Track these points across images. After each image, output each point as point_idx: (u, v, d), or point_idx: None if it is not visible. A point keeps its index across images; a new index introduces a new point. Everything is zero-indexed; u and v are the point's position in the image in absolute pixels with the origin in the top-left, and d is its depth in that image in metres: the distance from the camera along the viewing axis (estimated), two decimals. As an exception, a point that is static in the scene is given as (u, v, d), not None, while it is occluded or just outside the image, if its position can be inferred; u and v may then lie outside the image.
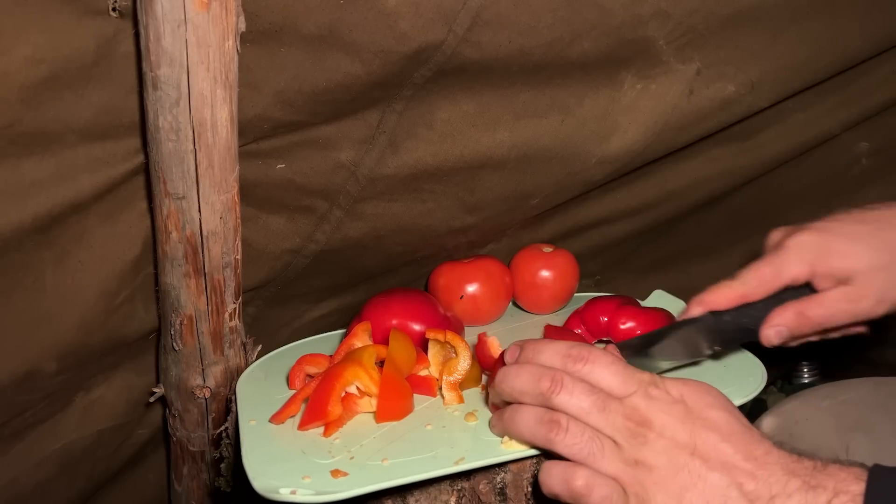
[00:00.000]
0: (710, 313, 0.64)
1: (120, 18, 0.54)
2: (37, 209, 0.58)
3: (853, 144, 0.89)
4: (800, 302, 0.62)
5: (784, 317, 0.62)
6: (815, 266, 0.62)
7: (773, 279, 0.63)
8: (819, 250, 0.62)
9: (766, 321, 0.62)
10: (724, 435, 0.49)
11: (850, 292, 0.61)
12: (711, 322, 0.64)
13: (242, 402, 0.67)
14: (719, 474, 0.48)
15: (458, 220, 0.79)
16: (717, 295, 0.64)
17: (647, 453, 0.49)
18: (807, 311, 0.62)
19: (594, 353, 0.53)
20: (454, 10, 0.59)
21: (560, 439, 0.51)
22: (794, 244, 0.63)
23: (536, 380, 0.53)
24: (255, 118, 0.63)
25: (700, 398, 0.51)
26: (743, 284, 0.63)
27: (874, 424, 0.76)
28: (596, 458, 0.50)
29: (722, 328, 0.64)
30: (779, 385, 1.26)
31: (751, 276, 0.63)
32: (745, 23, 0.69)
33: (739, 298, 0.64)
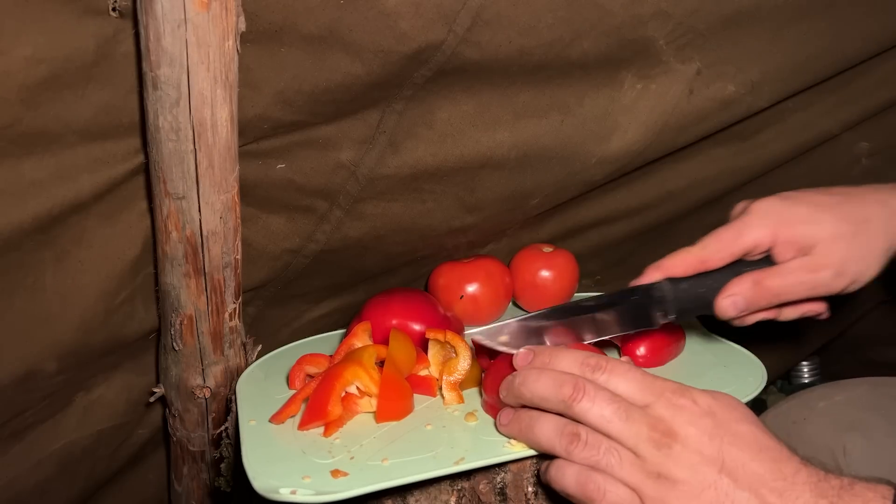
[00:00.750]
0: (666, 280, 0.62)
1: (120, 18, 0.54)
2: (37, 209, 0.58)
3: (853, 144, 0.89)
4: (758, 272, 0.60)
5: (741, 286, 0.60)
6: (777, 231, 0.60)
7: (734, 242, 0.61)
8: (782, 216, 0.61)
9: (721, 291, 0.61)
10: (754, 452, 0.48)
11: (809, 262, 0.60)
12: (668, 289, 0.62)
13: (242, 402, 0.67)
14: (748, 494, 0.46)
15: (458, 220, 0.79)
16: (675, 260, 0.62)
17: (670, 466, 0.48)
18: (765, 280, 0.60)
19: (611, 363, 0.53)
20: (454, 10, 0.59)
21: (578, 451, 0.50)
22: (758, 208, 0.62)
23: (558, 386, 0.52)
24: (255, 118, 0.63)
25: (729, 411, 0.50)
26: (702, 249, 0.62)
27: (870, 424, 0.76)
28: (613, 469, 0.49)
29: (678, 296, 0.62)
30: (779, 385, 1.26)
31: (711, 240, 0.62)
32: (745, 23, 0.69)
33: (698, 263, 0.62)
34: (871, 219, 0.60)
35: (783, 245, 0.60)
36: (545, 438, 0.53)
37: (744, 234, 0.61)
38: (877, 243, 0.60)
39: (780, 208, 0.61)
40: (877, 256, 0.60)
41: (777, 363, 1.17)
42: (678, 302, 0.62)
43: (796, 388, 1.21)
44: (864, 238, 0.60)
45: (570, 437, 0.51)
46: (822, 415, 0.80)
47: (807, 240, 0.60)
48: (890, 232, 0.60)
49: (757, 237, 0.61)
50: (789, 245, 0.60)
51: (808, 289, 0.60)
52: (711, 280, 0.62)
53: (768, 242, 0.61)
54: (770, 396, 1.21)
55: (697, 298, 0.62)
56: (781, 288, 0.60)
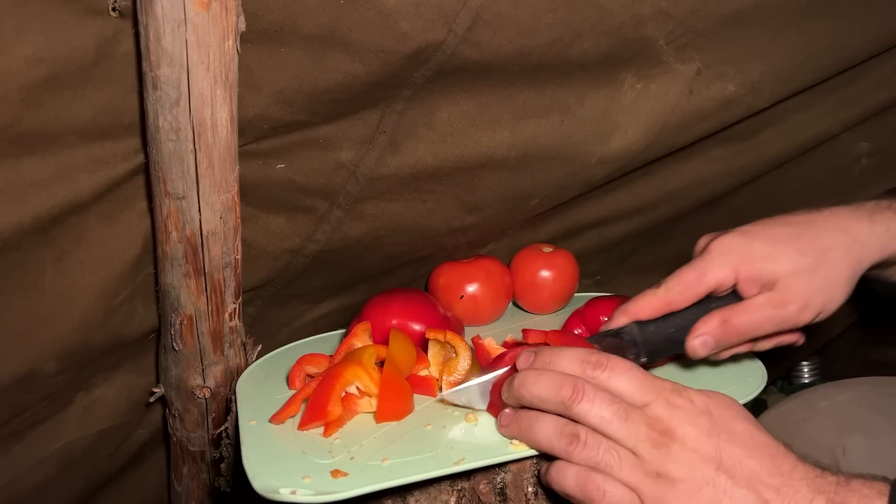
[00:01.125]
0: (634, 323, 0.63)
1: (120, 18, 0.54)
2: (37, 209, 0.58)
3: (853, 144, 0.89)
4: (724, 310, 0.61)
5: (709, 325, 0.61)
6: (739, 269, 0.61)
7: (697, 284, 0.61)
8: (742, 253, 0.61)
9: (691, 331, 0.61)
10: (751, 449, 0.48)
11: (773, 297, 0.60)
12: (636, 332, 0.63)
13: (242, 402, 0.67)
14: (745, 491, 0.47)
15: (458, 220, 0.79)
16: (641, 303, 0.63)
17: (669, 465, 0.48)
18: (731, 318, 0.60)
19: (612, 360, 0.53)
20: (454, 10, 0.59)
21: (577, 452, 0.51)
22: (717, 247, 0.62)
23: (557, 387, 0.52)
24: (255, 118, 0.63)
25: (724, 410, 0.50)
26: (667, 291, 0.62)
27: (872, 424, 0.76)
28: (613, 470, 0.49)
29: (647, 339, 0.63)
30: (779, 385, 1.26)
31: (674, 283, 0.62)
32: (745, 23, 0.69)
33: (664, 306, 0.62)
34: (832, 248, 0.60)
35: (746, 282, 0.61)
36: (545, 439, 0.53)
37: (706, 275, 0.61)
38: (839, 272, 0.60)
39: (740, 245, 0.61)
40: (840, 286, 0.60)
41: (777, 363, 1.17)
42: (648, 344, 0.63)
43: (796, 388, 1.21)
44: (826, 269, 0.60)
45: (569, 437, 0.51)
46: (823, 414, 0.80)
47: (768, 276, 0.60)
48: (851, 259, 0.60)
49: (719, 277, 0.61)
50: (752, 282, 0.61)
51: (776, 324, 0.61)
52: (680, 319, 0.62)
53: (731, 281, 0.61)
54: (770, 396, 1.21)
55: (667, 340, 0.63)
56: (748, 325, 0.60)
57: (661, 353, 0.65)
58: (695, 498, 0.47)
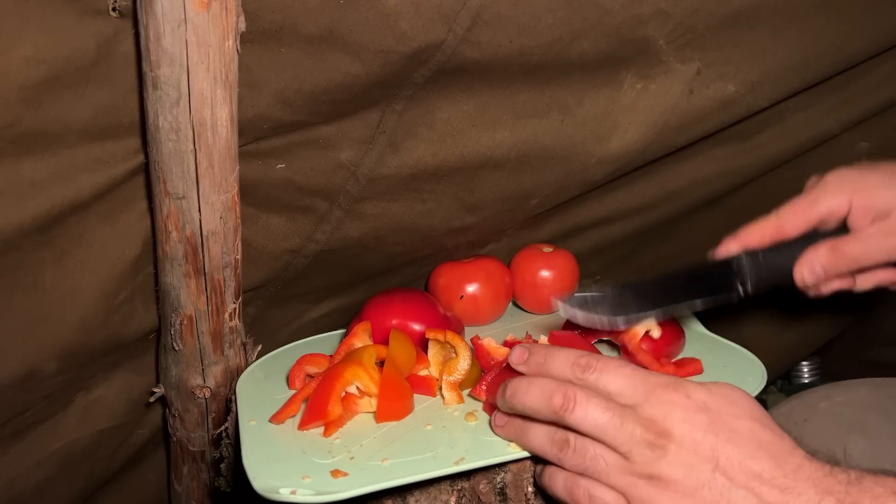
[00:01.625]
0: (744, 252, 0.63)
1: (120, 18, 0.54)
2: (37, 209, 0.58)
3: (853, 144, 0.89)
4: (836, 238, 0.61)
5: (819, 252, 0.60)
6: (853, 198, 0.60)
7: (810, 210, 0.61)
8: (857, 182, 0.61)
9: (799, 258, 0.61)
10: (752, 449, 0.47)
11: (886, 226, 0.59)
12: (745, 261, 0.63)
13: (242, 402, 0.67)
14: (745, 492, 0.45)
15: (458, 220, 0.79)
16: (752, 230, 0.63)
17: (664, 467, 0.47)
18: (842, 245, 0.60)
19: (602, 361, 0.52)
20: (454, 10, 0.59)
21: (568, 458, 0.51)
22: (834, 177, 0.62)
23: (548, 397, 0.51)
24: (255, 118, 0.63)
25: (726, 406, 0.49)
26: (778, 217, 0.62)
27: (872, 425, 0.76)
28: (600, 475, 0.49)
29: (755, 267, 0.62)
30: (779, 385, 1.26)
31: (786, 210, 0.62)
32: (745, 23, 0.69)
33: (774, 232, 0.62)
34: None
35: (859, 211, 0.60)
36: (538, 446, 0.53)
37: (819, 202, 0.61)
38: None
39: (855, 176, 0.61)
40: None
41: (777, 363, 1.17)
42: (755, 273, 0.63)
43: (796, 388, 1.21)
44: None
45: (560, 444, 0.51)
46: (823, 415, 0.80)
47: (883, 204, 0.60)
48: None
49: (832, 204, 0.61)
50: (866, 211, 0.60)
51: (887, 252, 0.60)
52: (788, 249, 0.62)
53: (844, 209, 0.61)
54: (770, 396, 1.21)
55: (775, 269, 0.62)
56: (859, 253, 0.60)
57: (768, 284, 0.64)
58: (690, 499, 0.46)
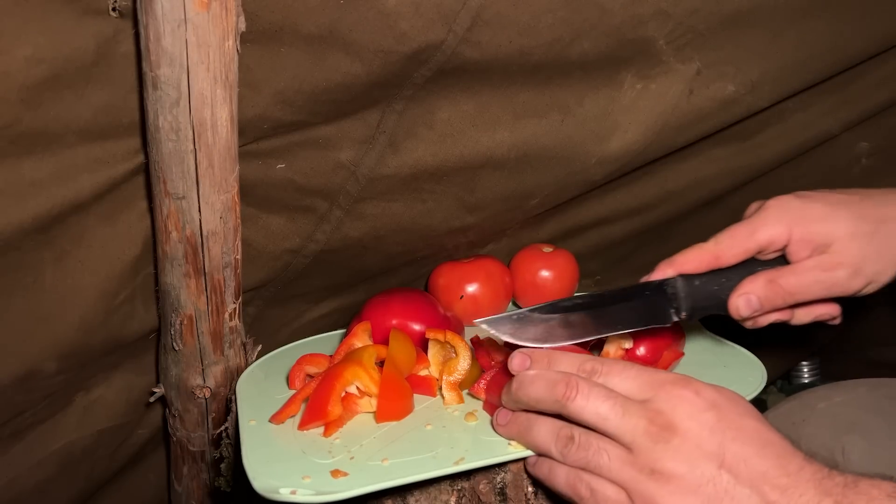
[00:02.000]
0: (679, 276, 0.61)
1: (120, 18, 0.54)
2: (37, 209, 0.58)
3: (853, 144, 0.89)
4: (773, 270, 0.59)
5: (755, 284, 0.59)
6: (793, 229, 0.59)
7: (748, 239, 0.60)
8: (798, 213, 0.59)
9: (735, 289, 0.59)
10: (758, 448, 0.47)
11: (825, 260, 0.58)
12: (680, 286, 0.61)
13: (242, 402, 0.67)
14: (749, 490, 0.46)
15: (458, 220, 0.79)
16: (689, 255, 0.61)
17: (666, 461, 0.47)
18: (779, 278, 0.59)
19: (607, 364, 0.52)
20: (454, 10, 0.59)
21: (572, 454, 0.50)
22: (773, 205, 0.60)
23: (552, 386, 0.51)
24: (255, 118, 0.63)
25: (733, 406, 0.49)
26: (716, 244, 0.60)
27: (870, 426, 0.76)
28: (602, 469, 0.49)
29: (691, 293, 0.61)
30: (779, 385, 1.26)
31: (724, 236, 0.60)
32: (745, 23, 0.69)
33: (711, 259, 0.60)
34: (890, 219, 0.59)
35: (798, 243, 0.59)
36: (542, 441, 0.53)
37: (759, 231, 0.60)
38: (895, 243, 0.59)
39: (797, 205, 0.60)
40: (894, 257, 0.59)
41: (777, 363, 1.17)
42: (691, 299, 0.61)
43: (796, 388, 1.21)
44: (883, 238, 0.58)
45: (565, 440, 0.51)
46: (821, 416, 0.80)
47: (823, 238, 0.58)
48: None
49: (772, 234, 0.59)
50: (805, 243, 0.59)
51: (824, 288, 0.59)
52: (725, 278, 0.61)
53: (783, 240, 0.59)
54: (770, 396, 1.21)
55: (710, 296, 0.61)
56: (796, 287, 0.59)
57: (703, 311, 0.62)
58: (693, 495, 0.46)
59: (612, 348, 0.67)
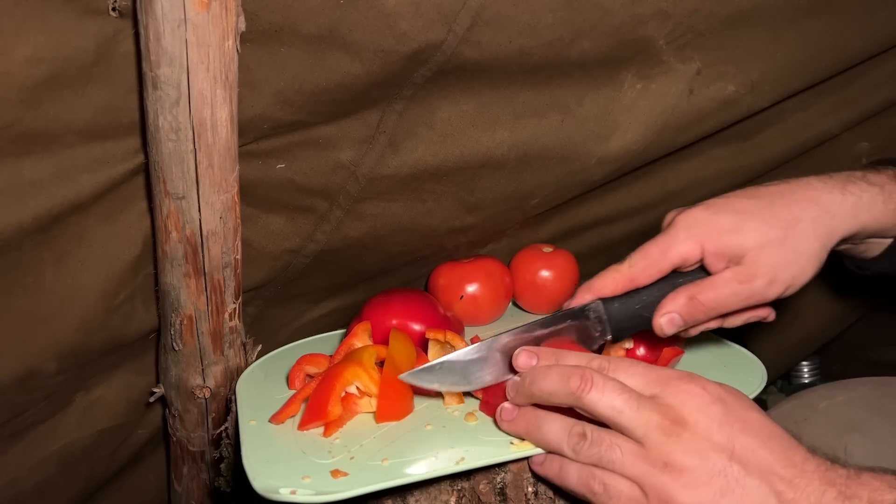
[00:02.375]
0: (599, 300, 0.61)
1: (120, 18, 0.54)
2: (37, 209, 0.58)
3: (853, 144, 0.89)
4: (691, 286, 0.59)
5: (676, 303, 0.59)
6: (705, 244, 0.58)
7: (661, 259, 0.59)
8: (708, 227, 0.59)
9: (657, 309, 0.59)
10: (764, 439, 0.48)
11: (740, 272, 0.58)
12: (601, 309, 0.61)
13: (242, 402, 0.67)
14: (758, 481, 0.46)
15: (458, 220, 0.79)
16: (605, 280, 0.61)
17: (678, 454, 0.48)
18: (699, 294, 0.58)
19: (614, 362, 0.53)
20: (454, 10, 0.59)
21: (584, 450, 0.51)
22: (682, 221, 0.60)
23: (566, 378, 0.51)
24: (255, 118, 0.63)
25: (738, 400, 0.50)
26: (630, 267, 0.60)
27: (872, 425, 0.76)
28: (615, 465, 0.49)
29: (613, 316, 0.61)
30: (779, 385, 1.26)
31: (637, 258, 0.60)
32: (745, 23, 0.69)
33: (627, 283, 0.60)
34: (800, 219, 0.58)
35: (712, 257, 0.59)
36: (553, 438, 0.53)
37: (670, 250, 0.59)
38: (808, 244, 0.58)
39: (705, 219, 0.59)
40: (810, 258, 0.58)
41: (777, 363, 1.17)
42: (613, 322, 0.61)
43: (796, 388, 1.21)
44: (794, 241, 0.58)
45: (577, 437, 0.51)
46: (823, 415, 0.80)
47: (734, 249, 0.58)
48: (820, 231, 0.58)
49: (683, 252, 0.59)
50: (718, 256, 0.59)
51: (743, 299, 0.59)
52: (646, 296, 0.61)
53: (697, 255, 0.59)
54: (770, 396, 1.21)
55: (633, 316, 0.61)
56: (716, 301, 0.58)
57: (629, 331, 0.62)
58: (705, 487, 0.47)
59: (613, 349, 0.67)
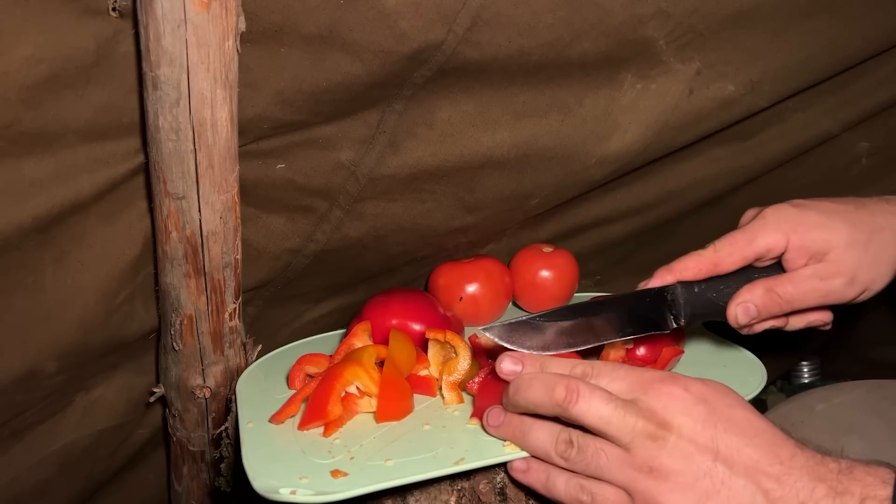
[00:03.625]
0: (678, 283, 0.62)
1: (120, 18, 0.54)
2: (37, 209, 0.58)
3: (853, 144, 0.89)
4: (770, 279, 0.60)
5: (753, 293, 0.60)
6: (791, 236, 0.60)
7: (747, 246, 0.60)
8: (795, 221, 0.60)
9: (733, 297, 0.60)
10: (749, 437, 0.48)
11: (822, 269, 0.59)
12: (679, 292, 0.61)
13: (242, 402, 0.67)
14: (745, 480, 0.46)
15: (458, 220, 0.79)
16: (688, 262, 0.61)
17: (664, 458, 0.48)
18: (777, 287, 0.59)
19: (597, 366, 0.53)
20: (454, 10, 0.59)
21: (571, 457, 0.51)
22: (772, 213, 0.61)
23: (551, 389, 0.51)
24: (255, 118, 0.63)
25: (721, 397, 0.50)
26: (715, 252, 0.61)
27: (869, 427, 0.76)
28: (602, 471, 0.49)
29: (690, 300, 0.61)
30: (779, 385, 1.26)
31: (723, 244, 0.61)
32: (745, 23, 0.69)
33: (710, 267, 0.61)
34: (884, 228, 0.60)
35: (796, 251, 0.60)
36: (540, 446, 0.53)
37: (757, 238, 0.60)
38: (889, 252, 0.60)
39: (794, 214, 0.61)
40: (889, 265, 0.60)
41: (777, 363, 1.17)
42: (690, 306, 0.61)
43: (796, 389, 1.21)
44: (877, 246, 0.59)
45: (564, 444, 0.51)
46: (820, 417, 0.80)
47: (820, 246, 0.59)
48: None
49: (770, 241, 0.60)
50: (802, 251, 0.60)
51: (821, 296, 0.60)
52: (723, 285, 0.61)
53: (781, 248, 0.60)
54: (770, 396, 1.21)
55: (709, 303, 0.61)
56: (794, 295, 0.59)
57: (701, 318, 0.63)
58: (691, 490, 0.47)
59: (613, 349, 0.67)
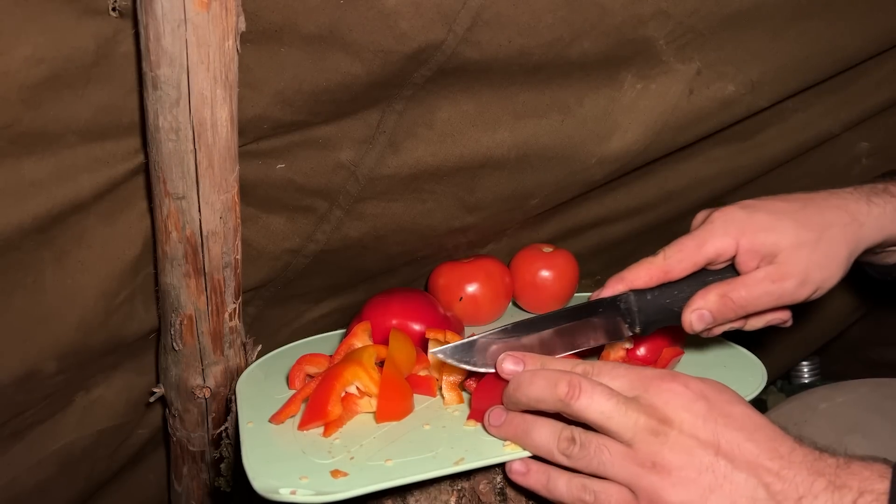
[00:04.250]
0: (630, 292, 0.61)
1: (120, 18, 0.54)
2: (37, 209, 0.58)
3: (853, 144, 0.89)
4: (723, 284, 0.60)
5: (707, 299, 0.59)
6: (740, 240, 0.59)
7: (696, 252, 0.60)
8: (744, 224, 0.60)
9: (687, 304, 0.60)
10: (749, 432, 0.48)
11: (773, 271, 0.59)
12: (632, 301, 0.61)
13: (242, 402, 0.67)
14: (746, 475, 0.47)
15: (458, 220, 0.79)
16: (638, 271, 0.61)
17: (666, 454, 0.48)
18: (730, 292, 0.59)
19: (597, 366, 0.53)
20: (454, 9, 0.59)
21: (574, 455, 0.51)
22: (720, 217, 0.61)
23: (553, 385, 0.52)
24: (255, 118, 0.63)
25: (720, 394, 0.50)
26: (665, 259, 0.61)
27: (871, 426, 0.76)
28: (605, 468, 0.50)
29: (643, 308, 0.61)
30: (779, 385, 1.26)
31: (673, 251, 0.61)
32: (745, 23, 0.69)
33: (661, 274, 0.61)
34: (832, 224, 0.60)
35: (746, 254, 0.60)
36: (542, 444, 0.53)
37: (706, 244, 0.60)
38: (839, 250, 0.60)
39: (742, 217, 0.60)
40: (838, 263, 0.60)
41: (777, 363, 1.17)
42: (644, 314, 0.61)
43: (796, 388, 1.21)
44: (826, 245, 0.59)
45: (567, 441, 0.51)
46: (822, 416, 0.80)
47: (769, 248, 0.59)
48: (850, 237, 0.60)
49: (719, 246, 0.60)
50: (752, 254, 0.60)
51: (774, 299, 0.60)
52: (676, 291, 0.61)
53: (731, 251, 0.60)
54: (770, 396, 1.21)
55: (662, 310, 0.61)
56: (747, 300, 0.59)
57: (657, 324, 0.63)
58: (693, 484, 0.47)
59: (613, 349, 0.67)
